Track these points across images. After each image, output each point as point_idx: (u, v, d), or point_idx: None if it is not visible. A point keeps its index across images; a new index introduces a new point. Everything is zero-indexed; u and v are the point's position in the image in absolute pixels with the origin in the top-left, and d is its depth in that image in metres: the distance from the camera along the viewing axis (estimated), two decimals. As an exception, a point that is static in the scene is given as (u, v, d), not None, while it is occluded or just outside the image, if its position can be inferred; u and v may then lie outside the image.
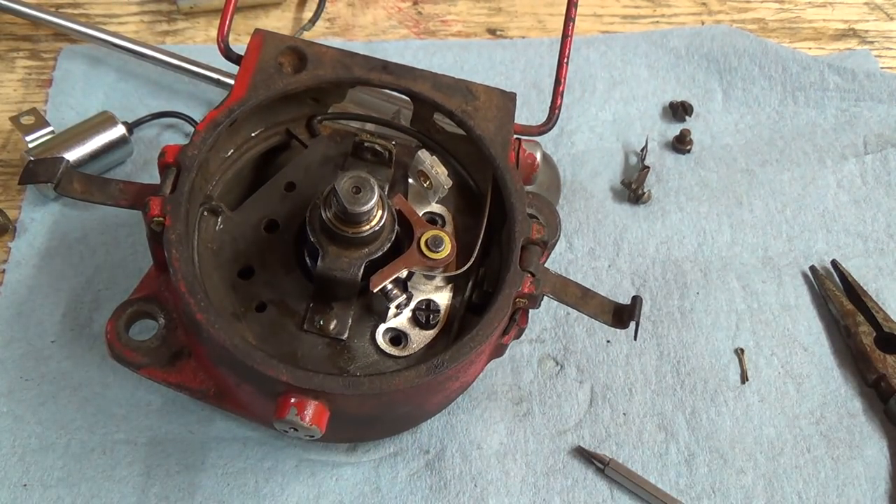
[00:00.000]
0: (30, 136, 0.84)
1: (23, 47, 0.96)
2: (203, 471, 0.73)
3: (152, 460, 0.72)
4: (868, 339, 0.82)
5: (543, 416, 0.78)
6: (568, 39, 0.79)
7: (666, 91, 1.00)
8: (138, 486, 0.71)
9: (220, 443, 0.74)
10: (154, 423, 0.74)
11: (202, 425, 0.74)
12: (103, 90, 0.93)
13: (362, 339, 0.67)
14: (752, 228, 0.90)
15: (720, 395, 0.80)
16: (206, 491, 0.72)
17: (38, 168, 0.68)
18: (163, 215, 0.64)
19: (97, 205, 0.68)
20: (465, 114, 0.73)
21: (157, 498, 0.71)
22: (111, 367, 0.72)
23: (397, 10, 1.05)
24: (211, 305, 0.62)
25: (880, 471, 0.77)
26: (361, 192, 0.63)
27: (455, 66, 0.99)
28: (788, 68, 1.00)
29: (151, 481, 0.72)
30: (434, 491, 0.73)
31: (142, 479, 0.72)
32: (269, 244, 0.70)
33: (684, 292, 0.86)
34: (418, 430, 0.76)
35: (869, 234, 0.91)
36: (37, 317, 0.78)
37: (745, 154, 0.96)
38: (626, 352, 0.82)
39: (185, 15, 1.01)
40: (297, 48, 0.74)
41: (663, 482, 0.75)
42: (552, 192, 0.89)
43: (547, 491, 0.74)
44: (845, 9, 1.10)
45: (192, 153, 0.67)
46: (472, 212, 0.74)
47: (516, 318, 0.68)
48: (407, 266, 0.66)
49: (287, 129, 0.76)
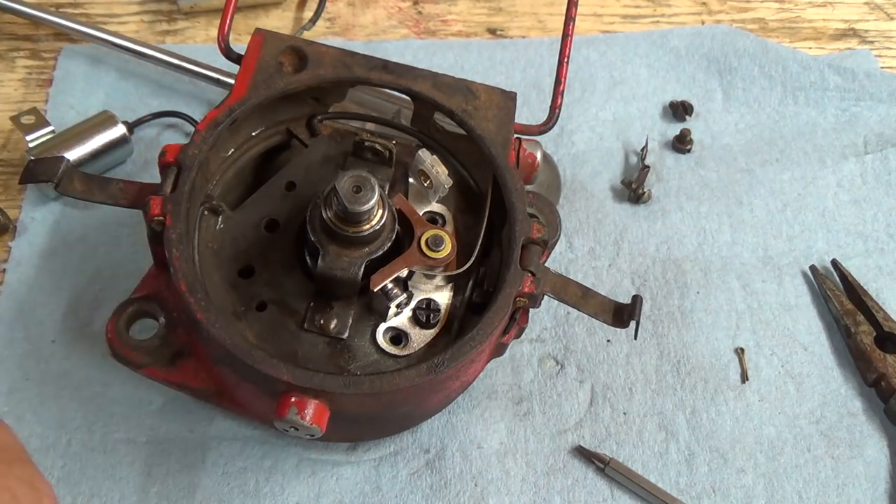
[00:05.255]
0: (30, 136, 0.84)
1: (23, 47, 0.96)
2: (203, 470, 0.73)
3: (153, 459, 0.73)
4: (868, 339, 0.82)
5: (544, 415, 0.78)
6: (568, 39, 0.79)
7: (666, 91, 1.00)
8: (139, 486, 0.71)
9: (221, 442, 0.74)
10: (154, 422, 0.74)
11: (202, 425, 0.74)
12: (104, 90, 0.93)
13: (363, 339, 0.68)
14: (752, 228, 0.91)
15: (720, 395, 0.80)
16: (207, 490, 0.72)
17: (39, 167, 0.68)
18: (163, 215, 0.64)
19: (98, 204, 0.68)
20: (466, 113, 0.73)
21: (158, 497, 0.71)
22: (112, 367, 0.72)
23: (397, 9, 1.05)
24: (211, 305, 0.62)
25: (880, 470, 0.77)
26: (362, 192, 0.63)
27: (455, 66, 0.99)
28: (788, 68, 1.00)
29: (152, 480, 0.72)
30: (434, 490, 0.73)
31: (142, 479, 0.72)
32: (270, 243, 0.70)
33: (684, 292, 0.86)
34: (419, 430, 0.76)
35: (869, 233, 0.91)
36: (37, 316, 0.78)
37: (745, 154, 0.96)
38: (627, 351, 0.82)
39: (186, 14, 1.01)
40: (297, 48, 0.74)
41: (663, 481, 0.75)
42: (552, 192, 0.89)
43: (547, 490, 0.74)
44: (845, 8, 1.10)
45: (193, 152, 0.67)
46: (472, 211, 0.74)
47: (517, 317, 0.68)
48: (407, 265, 0.66)
49: (287, 128, 0.76)
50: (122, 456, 0.73)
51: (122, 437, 0.73)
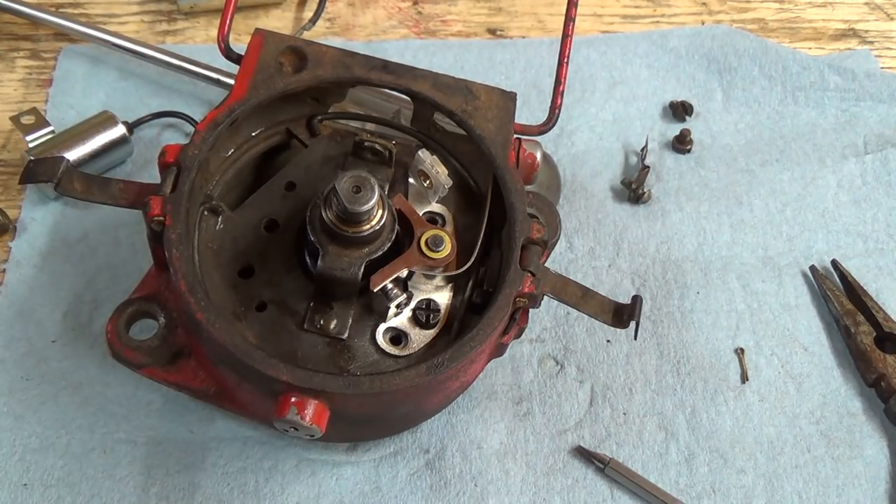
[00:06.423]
0: (30, 136, 0.84)
1: (23, 47, 0.97)
2: (203, 470, 0.73)
3: (152, 460, 0.73)
4: (868, 339, 0.82)
5: (543, 415, 0.78)
6: (568, 39, 0.79)
7: (666, 91, 1.00)
8: (138, 486, 0.71)
9: (221, 442, 0.74)
10: (154, 422, 0.74)
11: (202, 425, 0.74)
12: (104, 90, 0.93)
13: (362, 339, 0.67)
14: (752, 228, 0.91)
15: (720, 395, 0.80)
16: (207, 490, 0.72)
17: (39, 167, 0.68)
18: (163, 215, 0.64)
19: (97, 204, 0.68)
20: (466, 113, 0.73)
21: (158, 497, 0.71)
22: (111, 367, 0.72)
23: (397, 9, 1.05)
24: (211, 305, 0.62)
25: (880, 470, 0.77)
26: (362, 192, 0.63)
27: (455, 66, 0.99)
28: (788, 68, 1.01)
29: (152, 481, 0.72)
30: (434, 490, 0.73)
31: (142, 479, 0.72)
32: (270, 244, 0.70)
33: (684, 292, 0.86)
34: (418, 430, 0.76)
35: (869, 233, 0.91)
36: (37, 316, 0.78)
37: (745, 154, 0.96)
38: (627, 351, 0.82)
39: (186, 15, 1.01)
40: (297, 48, 0.74)
41: (663, 482, 0.75)
42: (552, 192, 0.89)
43: (547, 490, 0.74)
44: (845, 9, 1.10)
45: (193, 153, 0.67)
46: (472, 211, 0.74)
47: (516, 317, 0.68)
48: (407, 265, 0.66)
49: (287, 128, 0.76)
50: (122, 456, 0.73)
51: (121, 437, 0.73)
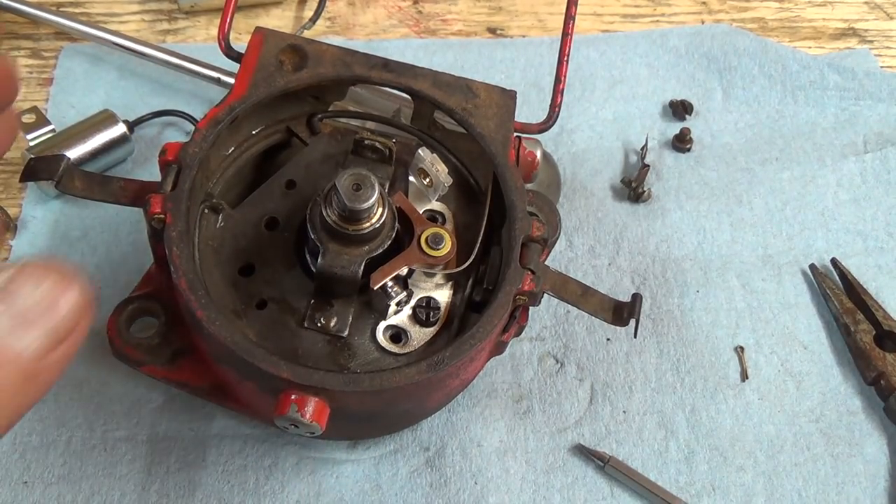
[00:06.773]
0: (31, 135, 0.84)
1: (24, 46, 0.97)
2: (203, 468, 0.73)
3: (153, 457, 0.73)
4: (867, 338, 0.82)
5: (543, 413, 0.78)
6: (568, 38, 0.79)
7: (666, 90, 1.00)
8: (139, 484, 0.71)
9: (221, 440, 0.74)
10: (155, 420, 0.74)
11: (203, 422, 0.75)
12: (104, 89, 0.93)
13: (363, 337, 0.68)
14: (751, 227, 0.91)
15: (720, 393, 0.80)
16: (207, 488, 0.72)
17: (39, 166, 0.68)
18: (164, 213, 0.64)
19: (98, 203, 0.68)
20: (466, 112, 0.73)
21: (158, 495, 0.71)
22: (112, 365, 0.72)
23: (398, 8, 1.05)
24: (212, 303, 0.62)
25: (880, 468, 0.77)
26: (362, 190, 0.63)
27: (455, 65, 0.99)
28: (788, 67, 1.01)
29: (152, 478, 0.72)
30: (434, 488, 0.73)
31: (142, 477, 0.72)
32: (270, 242, 0.70)
33: (684, 290, 0.86)
34: (418, 428, 0.76)
35: (868, 232, 0.91)
36: (38, 314, 0.78)
37: (745, 153, 0.96)
38: (626, 350, 0.82)
39: (186, 14, 1.01)
40: (297, 46, 0.74)
41: (663, 479, 0.75)
42: (552, 191, 0.89)
43: (547, 488, 0.74)
44: (845, 8, 1.10)
45: (193, 151, 0.67)
46: (472, 209, 0.74)
47: (516, 315, 0.68)
48: (407, 263, 0.66)
49: (288, 126, 0.76)
50: (123, 454, 0.73)
51: (122, 434, 0.73)
